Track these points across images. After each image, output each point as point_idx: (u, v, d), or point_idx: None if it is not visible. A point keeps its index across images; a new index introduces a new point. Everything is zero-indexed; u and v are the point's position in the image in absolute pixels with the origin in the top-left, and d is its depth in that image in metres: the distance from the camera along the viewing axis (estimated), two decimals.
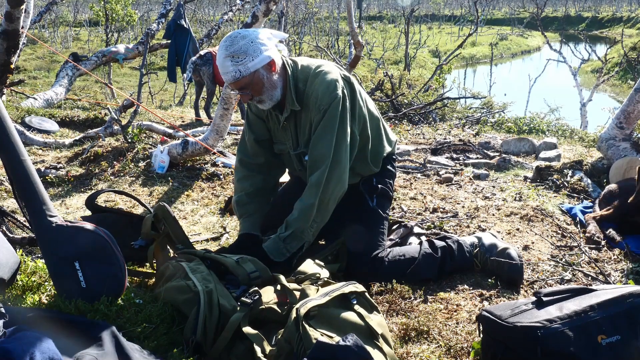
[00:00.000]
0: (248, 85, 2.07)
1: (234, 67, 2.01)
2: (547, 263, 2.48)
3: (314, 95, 2.11)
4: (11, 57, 3.94)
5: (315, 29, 22.00)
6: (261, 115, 2.33)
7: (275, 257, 2.13)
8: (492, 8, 37.43)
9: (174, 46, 7.38)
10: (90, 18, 24.31)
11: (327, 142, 2.10)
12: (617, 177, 3.38)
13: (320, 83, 2.11)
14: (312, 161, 2.16)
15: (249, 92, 2.09)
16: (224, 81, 2.07)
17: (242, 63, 2.01)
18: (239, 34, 2.03)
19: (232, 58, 2.00)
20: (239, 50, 2.00)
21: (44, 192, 1.84)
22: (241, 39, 2.01)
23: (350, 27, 6.16)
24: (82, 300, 1.76)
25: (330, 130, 2.10)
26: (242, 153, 2.40)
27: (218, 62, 2.06)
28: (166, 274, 1.95)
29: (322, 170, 2.11)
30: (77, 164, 4.10)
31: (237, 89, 2.10)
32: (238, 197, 2.35)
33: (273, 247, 2.14)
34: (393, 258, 2.26)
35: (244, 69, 2.02)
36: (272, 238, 2.17)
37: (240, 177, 2.38)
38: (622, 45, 12.39)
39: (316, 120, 2.13)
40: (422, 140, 5.32)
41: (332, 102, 2.09)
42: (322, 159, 2.11)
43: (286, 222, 2.17)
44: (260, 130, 2.35)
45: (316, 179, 2.12)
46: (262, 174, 2.38)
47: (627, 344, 1.60)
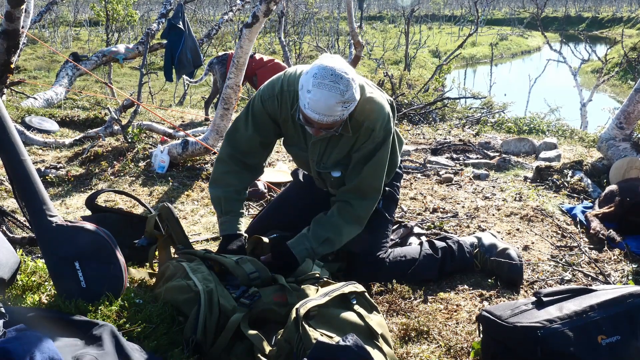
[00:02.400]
0: (337, 125, 2.00)
1: (341, 112, 1.89)
2: (547, 263, 2.48)
3: (368, 126, 2.05)
4: (11, 57, 3.94)
5: (315, 29, 22.01)
6: (276, 116, 2.17)
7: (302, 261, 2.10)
8: (492, 8, 37.41)
9: (169, 46, 7.40)
10: (90, 18, 24.31)
11: (380, 175, 2.14)
12: (617, 177, 3.38)
13: (375, 113, 2.05)
14: (361, 189, 2.14)
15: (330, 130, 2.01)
16: (317, 120, 1.90)
17: (349, 109, 1.92)
18: (349, 77, 1.88)
19: (343, 104, 1.87)
20: (352, 97, 1.88)
21: (44, 192, 1.84)
22: (352, 82, 1.88)
23: (350, 27, 6.16)
24: (82, 300, 1.76)
25: (383, 164, 2.13)
26: (234, 148, 2.23)
27: (324, 104, 1.85)
28: (166, 273, 1.95)
29: (372, 202, 2.16)
30: (77, 163, 4.10)
31: (323, 128, 1.98)
32: (226, 192, 2.23)
33: (304, 256, 2.10)
34: (394, 259, 2.26)
35: (348, 112, 1.94)
36: (305, 249, 2.11)
37: (228, 171, 2.25)
38: (622, 46, 12.39)
39: (367, 149, 2.09)
40: (422, 140, 5.32)
41: (387, 136, 2.09)
42: (372, 191, 2.15)
43: (328, 239, 2.13)
44: (268, 133, 2.22)
45: (366, 211, 2.16)
46: (249, 171, 2.29)
47: (627, 344, 1.60)
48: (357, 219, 2.16)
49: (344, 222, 2.14)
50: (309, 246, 2.11)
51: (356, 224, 2.16)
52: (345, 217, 2.14)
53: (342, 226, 2.14)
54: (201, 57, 7.82)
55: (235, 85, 3.59)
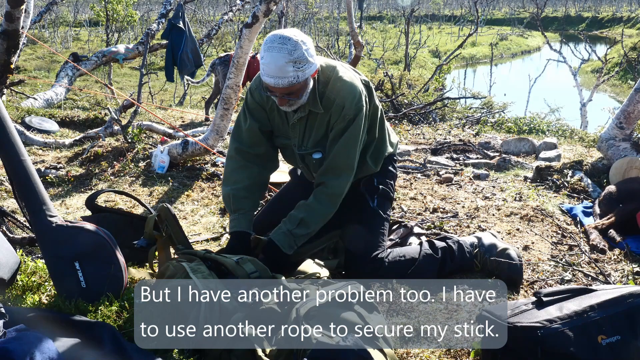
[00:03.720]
0: (297, 91, 2.03)
1: (294, 74, 1.95)
2: (547, 263, 2.48)
3: (339, 103, 2.10)
4: (11, 57, 3.94)
5: (315, 29, 22.01)
6: (264, 105, 2.25)
7: (287, 250, 2.16)
8: (492, 8, 37.42)
9: (170, 46, 7.41)
10: (90, 18, 24.31)
11: (352, 153, 2.16)
12: (617, 177, 3.38)
13: (346, 91, 2.10)
14: (332, 166, 2.17)
15: (292, 97, 2.04)
16: (273, 85, 1.97)
17: (302, 70, 1.96)
18: (298, 39, 1.95)
19: (294, 64, 1.93)
20: (302, 57, 1.94)
21: (44, 192, 1.85)
22: (302, 44, 1.95)
23: (350, 27, 6.17)
24: (82, 300, 1.76)
25: (353, 141, 2.14)
26: (239, 141, 2.28)
27: (274, 65, 1.93)
28: (166, 274, 1.95)
29: (345, 180, 2.18)
30: (77, 164, 4.10)
31: (283, 93, 2.02)
32: (234, 189, 2.26)
33: (285, 241, 2.16)
34: (393, 259, 2.26)
35: (302, 75, 1.97)
36: (282, 232, 2.17)
37: (236, 167, 2.29)
38: (622, 46, 12.39)
39: (339, 127, 2.13)
40: (422, 140, 5.32)
41: (358, 113, 2.11)
42: (344, 168, 2.17)
43: (300, 220, 2.17)
44: (262, 119, 2.28)
45: (338, 187, 2.18)
46: (258, 165, 2.31)
47: (627, 344, 1.60)
48: (330, 197, 2.19)
49: (317, 202, 2.19)
50: (285, 229, 2.17)
51: (329, 204, 2.20)
52: (319, 197, 2.20)
53: (315, 206, 2.19)
54: (201, 57, 7.82)
55: (235, 85, 3.59)
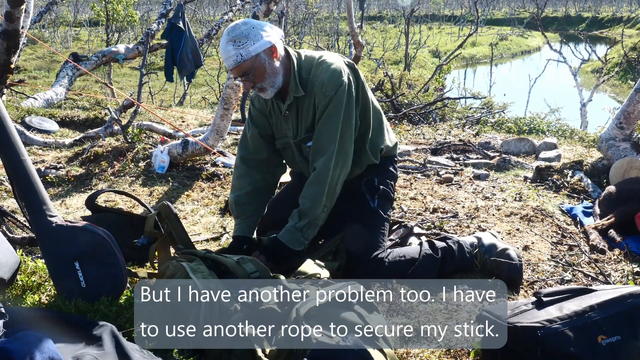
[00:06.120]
0: (249, 69, 2.07)
1: (235, 51, 2.03)
2: (547, 263, 2.48)
3: (319, 82, 2.13)
4: (11, 57, 3.94)
5: (315, 29, 22.01)
6: (264, 110, 2.34)
7: (295, 247, 2.16)
8: (492, 8, 37.42)
9: (170, 46, 7.41)
10: (90, 18, 24.32)
11: (333, 128, 2.13)
12: (617, 178, 3.38)
13: (326, 70, 2.13)
14: (317, 147, 2.18)
15: (251, 76, 2.09)
16: (229, 68, 2.10)
17: (244, 47, 2.03)
18: (241, 21, 2.08)
19: (233, 42, 2.03)
20: (240, 35, 2.03)
21: (44, 192, 1.85)
22: (242, 24, 2.06)
23: (350, 27, 6.16)
24: (82, 300, 1.76)
25: (336, 117, 2.13)
26: (244, 149, 2.39)
27: (221, 50, 2.09)
28: (166, 273, 1.95)
29: (329, 156, 2.14)
30: (77, 164, 4.10)
31: (240, 75, 2.10)
32: (237, 195, 2.33)
33: (291, 238, 2.16)
34: (393, 259, 2.26)
35: (245, 52, 2.04)
36: (286, 229, 2.18)
37: (240, 174, 2.37)
38: (622, 46, 12.40)
39: (322, 106, 2.14)
40: (422, 140, 5.32)
41: (338, 88, 2.11)
42: (328, 145, 2.15)
43: (299, 212, 2.18)
44: (263, 125, 2.36)
45: (323, 165, 2.15)
46: (262, 171, 2.36)
47: (627, 344, 1.60)
48: (316, 176, 2.17)
49: (306, 187, 2.19)
50: (289, 226, 2.18)
51: (317, 184, 2.16)
52: (308, 181, 2.19)
53: (305, 191, 2.19)
54: (201, 57, 7.82)
55: (235, 86, 3.60)
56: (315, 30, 22.01)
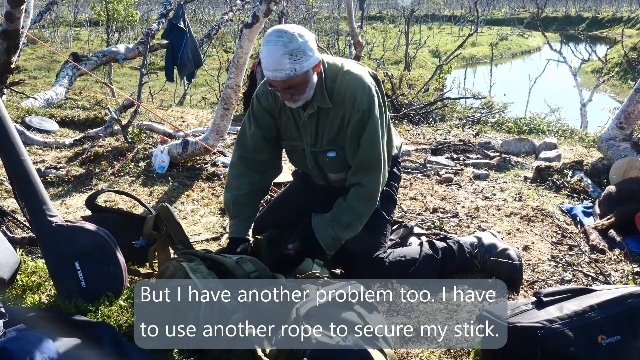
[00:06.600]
0: (297, 85, 2.02)
1: (290, 66, 1.95)
2: (547, 263, 2.48)
3: (350, 95, 2.09)
4: (11, 57, 3.94)
5: (315, 29, 22.01)
6: (272, 110, 2.25)
7: (330, 252, 2.20)
8: (492, 8, 37.42)
9: (170, 46, 7.41)
10: (90, 18, 24.32)
11: (378, 146, 2.14)
12: (617, 178, 3.38)
13: (355, 82, 2.10)
14: (362, 163, 2.16)
15: (295, 90, 2.04)
16: (272, 78, 1.98)
17: (299, 62, 1.96)
18: (295, 32, 1.97)
19: (290, 56, 1.94)
20: (297, 49, 1.94)
21: (44, 192, 1.85)
22: (299, 37, 1.96)
23: (350, 27, 6.17)
24: (82, 300, 1.76)
25: (377, 134, 2.13)
26: (243, 149, 2.31)
27: (271, 58, 1.95)
28: (166, 274, 1.95)
29: (377, 175, 2.17)
30: (77, 163, 4.10)
31: (284, 87, 2.02)
32: (235, 196, 2.29)
33: (330, 244, 2.19)
34: (394, 259, 2.26)
35: (300, 68, 1.97)
36: (330, 236, 2.18)
37: (238, 174, 2.32)
38: (622, 46, 12.40)
39: (356, 119, 2.11)
40: (422, 140, 5.32)
41: (372, 103, 2.10)
42: (375, 162, 2.15)
43: (349, 224, 2.18)
44: (267, 125, 2.29)
45: (374, 185, 2.17)
46: (260, 172, 2.33)
47: (627, 344, 1.60)
48: (369, 195, 2.19)
49: (358, 203, 2.19)
50: (333, 233, 2.18)
51: (369, 203, 2.19)
52: (359, 197, 2.18)
53: (359, 207, 2.19)
54: (202, 57, 7.82)
55: (235, 85, 3.59)
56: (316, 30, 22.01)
